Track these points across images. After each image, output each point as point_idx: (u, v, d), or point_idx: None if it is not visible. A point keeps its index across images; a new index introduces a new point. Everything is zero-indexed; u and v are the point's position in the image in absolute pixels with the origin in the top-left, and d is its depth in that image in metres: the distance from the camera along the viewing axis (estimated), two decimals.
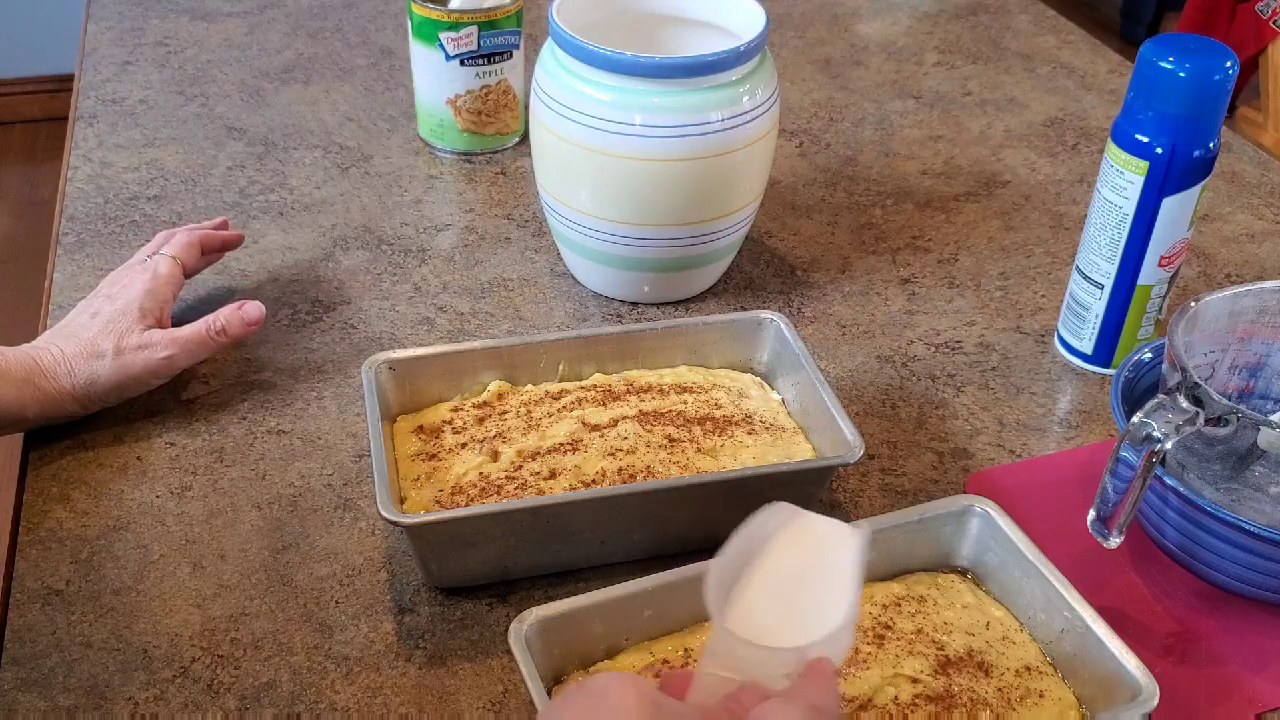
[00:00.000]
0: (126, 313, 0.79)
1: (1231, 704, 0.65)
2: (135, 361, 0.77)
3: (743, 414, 0.76)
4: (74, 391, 0.76)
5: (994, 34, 1.38)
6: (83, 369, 0.76)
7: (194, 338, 0.80)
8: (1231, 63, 0.77)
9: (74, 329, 0.78)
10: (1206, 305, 0.72)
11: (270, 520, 0.74)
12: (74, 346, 0.76)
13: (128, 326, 0.78)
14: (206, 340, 0.81)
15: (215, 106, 1.17)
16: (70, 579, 0.70)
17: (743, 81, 0.84)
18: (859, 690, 0.60)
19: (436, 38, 1.05)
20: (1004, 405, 0.85)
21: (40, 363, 0.75)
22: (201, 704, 0.63)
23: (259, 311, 0.83)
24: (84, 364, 0.76)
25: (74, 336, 0.77)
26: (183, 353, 0.79)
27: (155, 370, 0.78)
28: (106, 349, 0.77)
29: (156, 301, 0.81)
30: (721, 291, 0.95)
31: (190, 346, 0.80)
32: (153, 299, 0.81)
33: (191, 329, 0.80)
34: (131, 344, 0.77)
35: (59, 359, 0.76)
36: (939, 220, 1.05)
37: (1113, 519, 0.66)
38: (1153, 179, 0.79)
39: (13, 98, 2.91)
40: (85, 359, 0.76)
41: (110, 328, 0.78)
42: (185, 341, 0.80)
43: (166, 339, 0.79)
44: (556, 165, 0.88)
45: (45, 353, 0.76)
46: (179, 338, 0.79)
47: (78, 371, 0.76)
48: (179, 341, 0.79)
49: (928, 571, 0.68)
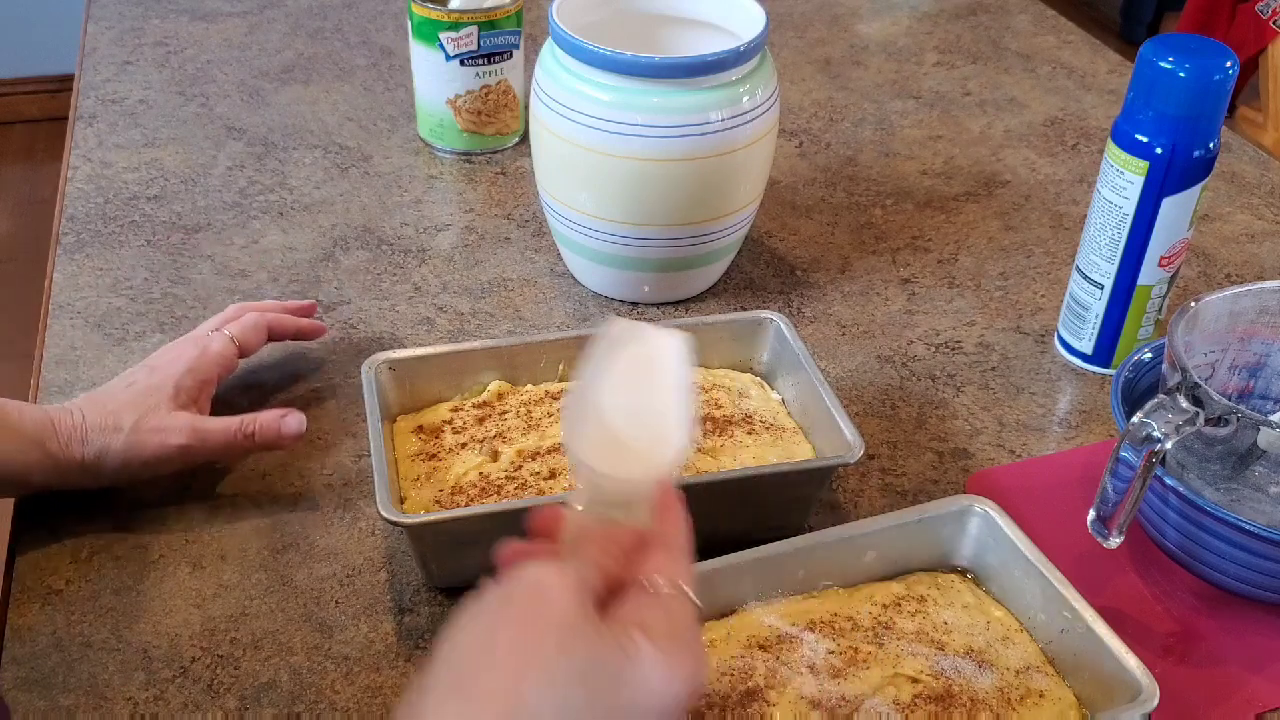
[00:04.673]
0: (160, 388, 0.72)
1: (1231, 704, 0.65)
2: (148, 443, 0.70)
3: (743, 414, 0.76)
4: (83, 462, 0.70)
5: (994, 34, 1.38)
6: (96, 440, 0.70)
7: (220, 433, 0.72)
8: (1231, 63, 0.77)
9: (105, 396, 0.72)
10: (1206, 305, 0.72)
11: (270, 520, 0.74)
12: (96, 415, 0.70)
13: (156, 403, 0.71)
14: (233, 441, 0.73)
15: (215, 106, 1.17)
16: (70, 579, 0.70)
17: (743, 81, 0.84)
18: (859, 690, 0.60)
19: (436, 38, 1.05)
20: (1004, 405, 0.85)
21: (56, 425, 0.70)
22: (201, 704, 0.63)
23: (300, 426, 0.74)
24: (99, 435, 0.70)
25: (101, 405, 0.71)
26: (201, 446, 0.72)
27: (167, 457, 0.71)
28: (126, 423, 0.70)
29: (197, 380, 0.74)
30: (721, 291, 0.95)
31: (212, 442, 0.72)
32: (193, 378, 0.74)
33: (220, 423, 0.73)
34: (151, 424, 0.71)
35: (76, 425, 0.70)
36: (939, 220, 1.05)
37: (1113, 519, 0.66)
38: (1153, 179, 0.79)
39: (13, 98, 2.91)
40: (102, 430, 0.70)
41: (139, 401, 0.71)
42: (208, 435, 0.72)
43: (188, 427, 0.71)
44: (556, 165, 0.88)
45: (65, 417, 0.70)
46: (201, 429, 0.72)
47: (91, 441, 0.70)
48: (200, 434, 0.72)
49: (928, 571, 0.68)
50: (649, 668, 0.46)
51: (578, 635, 0.45)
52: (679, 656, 0.46)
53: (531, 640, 0.45)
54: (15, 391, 0.76)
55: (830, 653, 0.62)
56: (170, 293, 0.92)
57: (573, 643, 0.45)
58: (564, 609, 0.45)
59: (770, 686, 0.60)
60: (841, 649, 0.62)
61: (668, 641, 0.46)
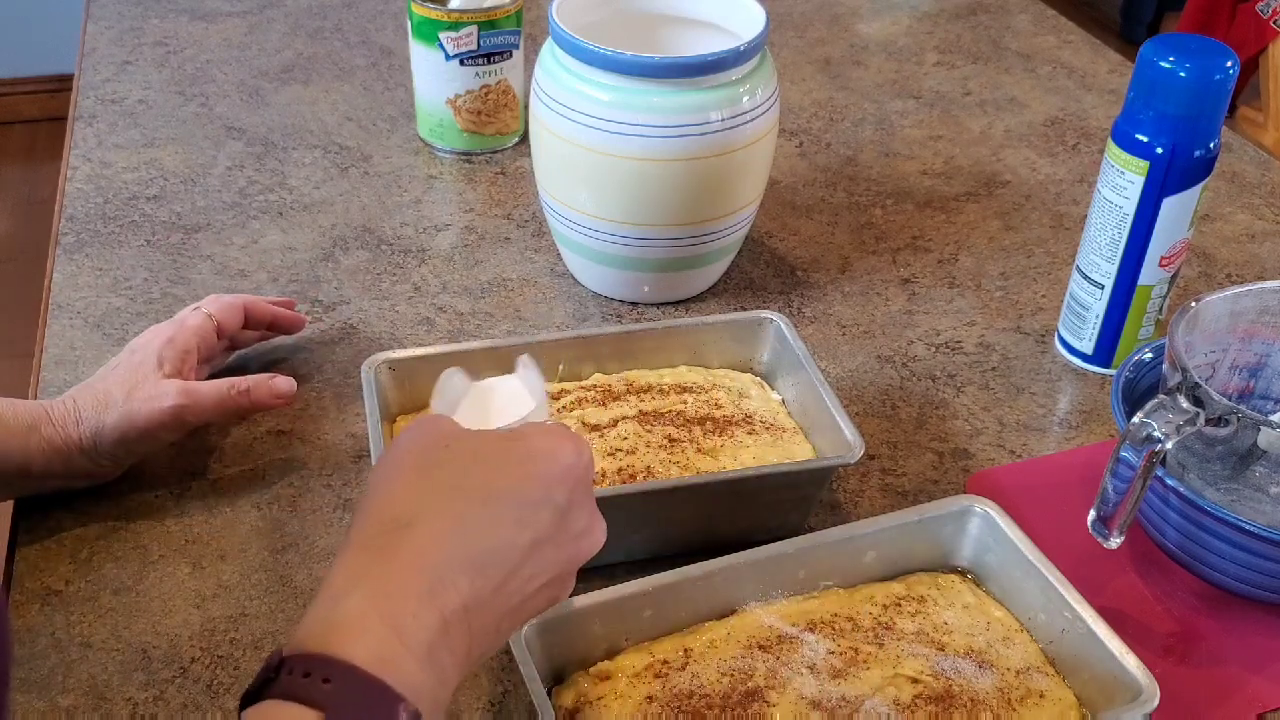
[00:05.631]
0: (144, 363, 0.73)
1: (1232, 704, 0.65)
2: (141, 411, 0.71)
3: (743, 414, 0.76)
4: (81, 443, 0.71)
5: (994, 34, 1.38)
6: (90, 419, 0.71)
7: (211, 393, 0.73)
8: (1231, 63, 0.77)
9: (93, 381, 0.74)
10: (1207, 305, 0.72)
11: (270, 520, 0.74)
12: (87, 397, 0.72)
13: (144, 375, 0.72)
14: (225, 398, 0.74)
15: (215, 106, 1.17)
16: (70, 579, 0.70)
17: (743, 81, 0.84)
18: (859, 691, 0.60)
19: (436, 37, 1.05)
20: (1004, 405, 0.85)
21: (51, 413, 0.71)
22: (201, 704, 0.63)
23: (290, 386, 0.76)
24: (93, 413, 0.71)
25: (90, 389, 0.72)
26: (194, 405, 0.72)
27: (163, 422, 0.72)
28: (118, 397, 0.71)
29: (177, 350, 0.75)
30: (721, 291, 0.95)
31: (205, 401, 0.73)
32: (173, 348, 0.75)
33: (211, 384, 0.74)
34: (142, 394, 0.71)
35: (69, 409, 0.71)
36: (939, 220, 1.05)
37: (1113, 519, 0.66)
38: (1153, 179, 0.79)
39: (12, 98, 2.91)
40: (95, 408, 0.71)
41: (127, 377, 0.72)
42: (199, 395, 0.73)
43: (178, 389, 0.72)
44: (556, 165, 0.88)
45: (59, 404, 0.71)
46: (193, 389, 0.73)
47: (85, 420, 0.71)
48: (192, 394, 0.73)
49: (928, 571, 0.68)
50: (535, 440, 0.53)
51: (466, 433, 0.54)
52: (558, 430, 0.55)
53: (427, 443, 0.53)
54: (15, 391, 0.76)
55: (830, 653, 0.62)
56: (170, 293, 0.92)
57: (462, 436, 0.54)
58: (448, 424, 0.54)
59: (770, 687, 0.60)
60: (842, 649, 0.62)
61: (543, 428, 0.55)
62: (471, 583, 0.49)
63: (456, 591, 0.48)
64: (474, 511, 0.50)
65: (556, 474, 0.52)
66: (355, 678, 0.44)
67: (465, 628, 0.49)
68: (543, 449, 0.53)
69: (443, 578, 0.48)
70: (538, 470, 0.52)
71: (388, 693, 0.45)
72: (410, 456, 0.53)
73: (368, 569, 0.48)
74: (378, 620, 0.46)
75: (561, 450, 0.53)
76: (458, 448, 0.53)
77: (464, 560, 0.49)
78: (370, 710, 0.44)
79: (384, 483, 0.52)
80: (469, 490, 0.51)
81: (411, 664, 0.46)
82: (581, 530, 0.54)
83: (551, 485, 0.52)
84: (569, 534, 0.53)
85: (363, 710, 0.44)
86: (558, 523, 0.52)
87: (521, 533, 0.51)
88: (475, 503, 0.51)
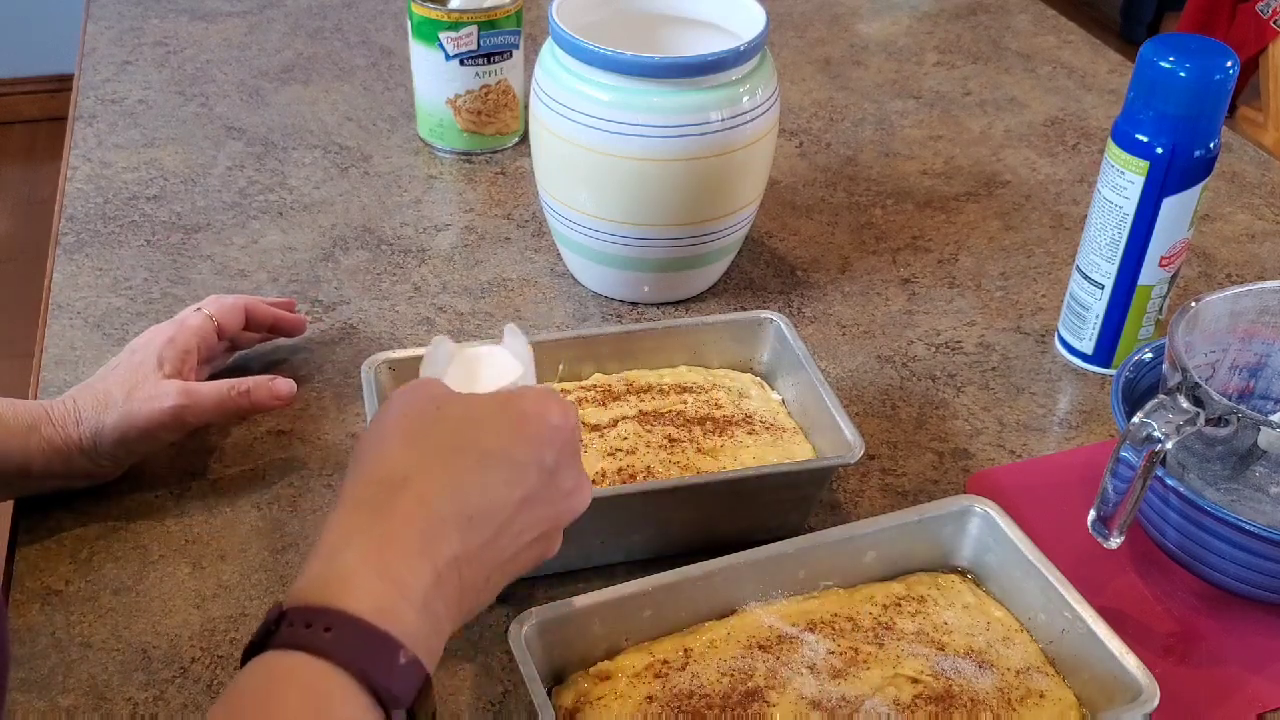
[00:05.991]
0: (145, 363, 0.73)
1: (1232, 704, 0.65)
2: (141, 411, 0.71)
3: (743, 414, 0.76)
4: (80, 442, 0.71)
5: (994, 34, 1.38)
6: (90, 418, 0.71)
7: (211, 394, 0.74)
8: (1231, 63, 0.77)
9: (93, 381, 0.74)
10: (1207, 305, 0.72)
11: (270, 520, 0.74)
12: (87, 397, 0.72)
13: (144, 375, 0.73)
14: (225, 399, 0.74)
15: (215, 106, 1.17)
16: (70, 579, 0.70)
17: (743, 81, 0.84)
18: (859, 691, 0.60)
19: (436, 37, 1.05)
20: (1004, 405, 0.85)
21: (51, 413, 0.71)
22: (201, 704, 0.63)
23: (290, 388, 0.76)
24: (93, 413, 0.71)
25: (91, 389, 0.73)
26: (194, 406, 0.72)
27: (163, 422, 0.72)
28: (118, 397, 0.71)
29: (177, 350, 0.75)
30: (721, 291, 0.95)
31: (205, 402, 0.73)
32: (173, 348, 0.75)
33: (211, 385, 0.74)
34: (142, 393, 0.72)
35: (69, 409, 0.71)
36: (939, 220, 1.05)
37: (1113, 519, 0.66)
38: (1153, 179, 0.79)
39: (12, 98, 2.91)
40: (95, 408, 0.71)
41: (127, 377, 0.72)
42: (200, 395, 0.73)
43: (178, 389, 0.72)
44: (556, 165, 0.88)
45: (60, 404, 0.71)
46: (193, 390, 0.73)
47: (85, 420, 0.71)
48: (192, 394, 0.73)
49: (928, 571, 0.68)
50: (523, 402, 0.55)
51: (456, 396, 0.55)
52: (545, 394, 0.56)
53: (418, 406, 0.54)
54: (15, 391, 0.76)
55: (830, 653, 0.62)
56: (170, 293, 0.92)
57: (452, 399, 0.55)
58: (439, 388, 0.56)
59: (770, 687, 0.60)
60: (842, 649, 0.62)
61: (531, 391, 0.56)
62: (463, 537, 0.51)
63: (448, 544, 0.51)
64: (465, 471, 0.52)
65: (545, 435, 0.54)
66: (356, 626, 0.47)
67: (457, 579, 0.51)
68: (531, 411, 0.55)
69: (435, 532, 0.50)
70: (527, 432, 0.54)
71: (388, 640, 0.47)
72: (402, 419, 0.54)
73: (362, 526, 0.50)
74: (374, 572, 0.49)
75: (549, 412, 0.55)
76: (448, 410, 0.54)
77: (456, 516, 0.51)
78: (372, 656, 0.46)
79: (376, 444, 0.54)
80: (460, 451, 0.53)
81: (409, 613, 0.48)
82: (569, 489, 0.56)
83: (540, 446, 0.54)
84: (558, 492, 0.55)
85: (364, 656, 0.46)
86: (546, 481, 0.54)
87: (511, 491, 0.53)
88: (467, 463, 0.52)
